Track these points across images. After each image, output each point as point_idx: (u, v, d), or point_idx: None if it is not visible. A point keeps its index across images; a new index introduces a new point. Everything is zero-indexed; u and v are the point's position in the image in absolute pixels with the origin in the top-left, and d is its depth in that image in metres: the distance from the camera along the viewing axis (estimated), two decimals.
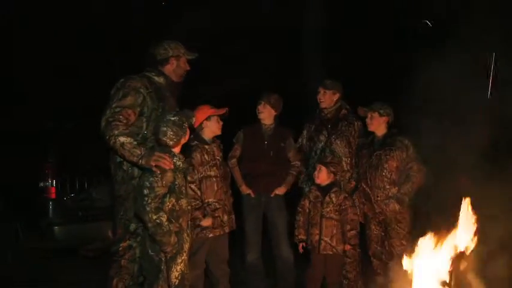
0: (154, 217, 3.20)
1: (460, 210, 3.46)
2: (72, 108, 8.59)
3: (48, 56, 9.58)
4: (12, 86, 9.27)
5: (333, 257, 4.41)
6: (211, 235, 4.25)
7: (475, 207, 3.46)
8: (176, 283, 3.29)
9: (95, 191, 6.60)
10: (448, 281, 3.27)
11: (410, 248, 4.32)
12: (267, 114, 4.81)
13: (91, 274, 5.34)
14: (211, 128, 4.38)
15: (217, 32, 9.48)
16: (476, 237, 3.38)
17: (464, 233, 3.39)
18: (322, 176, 4.48)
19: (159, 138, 3.39)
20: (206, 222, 4.20)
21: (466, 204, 3.48)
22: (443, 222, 3.50)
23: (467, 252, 3.36)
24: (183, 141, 3.45)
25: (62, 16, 9.72)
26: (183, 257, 3.32)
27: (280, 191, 4.77)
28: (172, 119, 3.38)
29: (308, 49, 9.20)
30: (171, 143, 3.37)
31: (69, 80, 9.64)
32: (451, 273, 3.29)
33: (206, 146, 4.33)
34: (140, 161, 3.28)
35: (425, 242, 3.41)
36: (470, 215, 3.43)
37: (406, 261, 3.42)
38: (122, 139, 3.31)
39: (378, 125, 4.70)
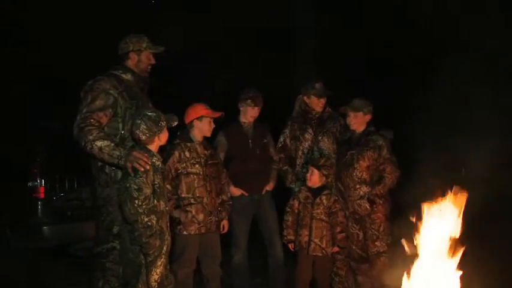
0: (146, 219, 3.18)
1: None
2: (61, 108, 8.52)
3: (40, 55, 9.53)
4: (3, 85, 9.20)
5: (322, 259, 4.41)
6: (185, 233, 4.20)
7: None
8: (156, 286, 3.26)
9: (84, 191, 6.54)
10: None
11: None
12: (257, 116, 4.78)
13: (80, 274, 5.32)
14: (202, 129, 4.32)
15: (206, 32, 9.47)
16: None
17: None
18: (315, 179, 4.46)
19: (133, 131, 3.35)
20: (176, 213, 4.15)
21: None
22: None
23: None
24: (158, 141, 3.39)
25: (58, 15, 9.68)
26: (162, 259, 3.29)
27: (270, 187, 4.77)
28: (149, 114, 3.36)
29: (299, 49, 9.18)
30: (143, 137, 3.32)
31: (62, 78, 9.57)
32: None
33: (189, 144, 4.28)
34: (120, 162, 3.24)
35: None
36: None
37: None
38: (99, 143, 3.27)
39: (361, 124, 4.65)
